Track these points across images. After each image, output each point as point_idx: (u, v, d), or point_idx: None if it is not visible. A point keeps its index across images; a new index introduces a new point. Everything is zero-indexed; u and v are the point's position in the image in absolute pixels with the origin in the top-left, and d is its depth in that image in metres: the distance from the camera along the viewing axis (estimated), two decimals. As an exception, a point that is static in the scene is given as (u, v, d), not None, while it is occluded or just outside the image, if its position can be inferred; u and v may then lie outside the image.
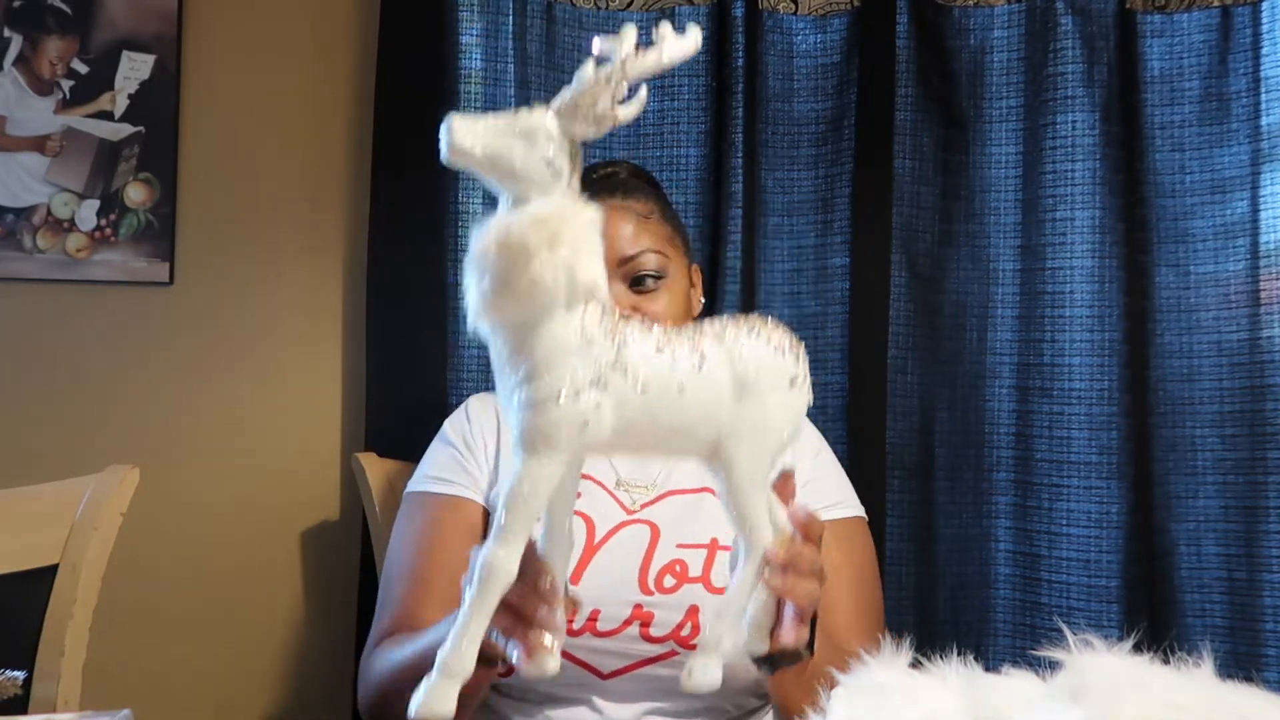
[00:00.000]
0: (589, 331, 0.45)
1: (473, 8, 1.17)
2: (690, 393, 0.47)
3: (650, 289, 0.82)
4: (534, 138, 0.46)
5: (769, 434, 0.48)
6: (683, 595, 0.75)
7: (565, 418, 0.45)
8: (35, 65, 1.17)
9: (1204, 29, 1.18)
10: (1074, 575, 1.14)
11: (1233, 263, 1.15)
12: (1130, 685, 0.38)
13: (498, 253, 0.44)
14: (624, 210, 0.83)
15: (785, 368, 0.49)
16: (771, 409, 0.48)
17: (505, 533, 0.45)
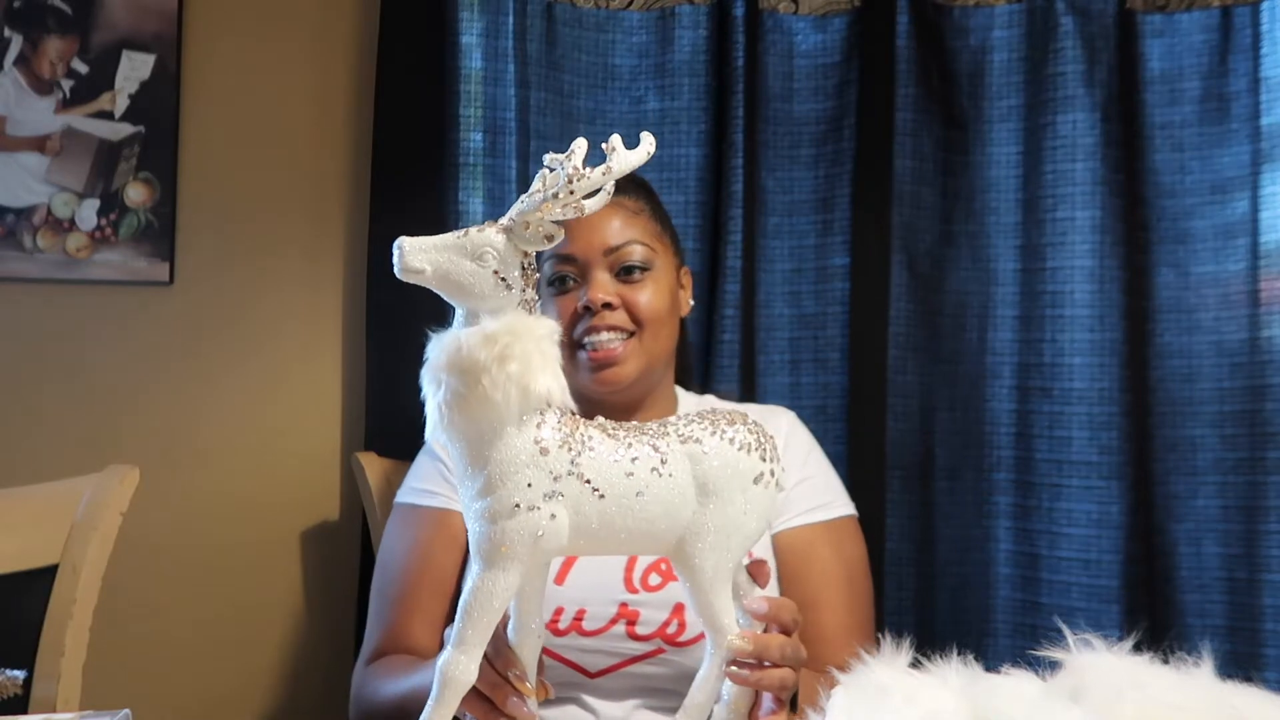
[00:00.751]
0: (543, 442, 0.47)
1: (473, 8, 1.17)
2: (650, 496, 0.48)
3: (636, 279, 0.83)
4: (483, 256, 0.48)
5: (733, 534, 0.49)
6: (668, 593, 0.75)
7: (519, 530, 0.47)
8: (35, 65, 1.17)
9: (1204, 29, 1.18)
10: (1074, 575, 1.14)
11: (1233, 263, 1.15)
12: (1130, 685, 0.38)
13: (449, 370, 0.47)
14: (613, 205, 0.84)
15: (750, 467, 0.50)
16: (735, 509, 0.49)
17: (464, 641, 0.47)
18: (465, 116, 1.17)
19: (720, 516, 0.49)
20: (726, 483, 0.49)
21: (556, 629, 0.75)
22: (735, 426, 0.51)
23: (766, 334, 1.21)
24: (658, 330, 0.83)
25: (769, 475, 0.51)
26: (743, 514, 0.49)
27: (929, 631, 1.17)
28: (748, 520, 0.50)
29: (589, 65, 1.22)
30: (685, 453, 0.49)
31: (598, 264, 0.82)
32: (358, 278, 1.20)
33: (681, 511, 0.49)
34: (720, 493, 0.49)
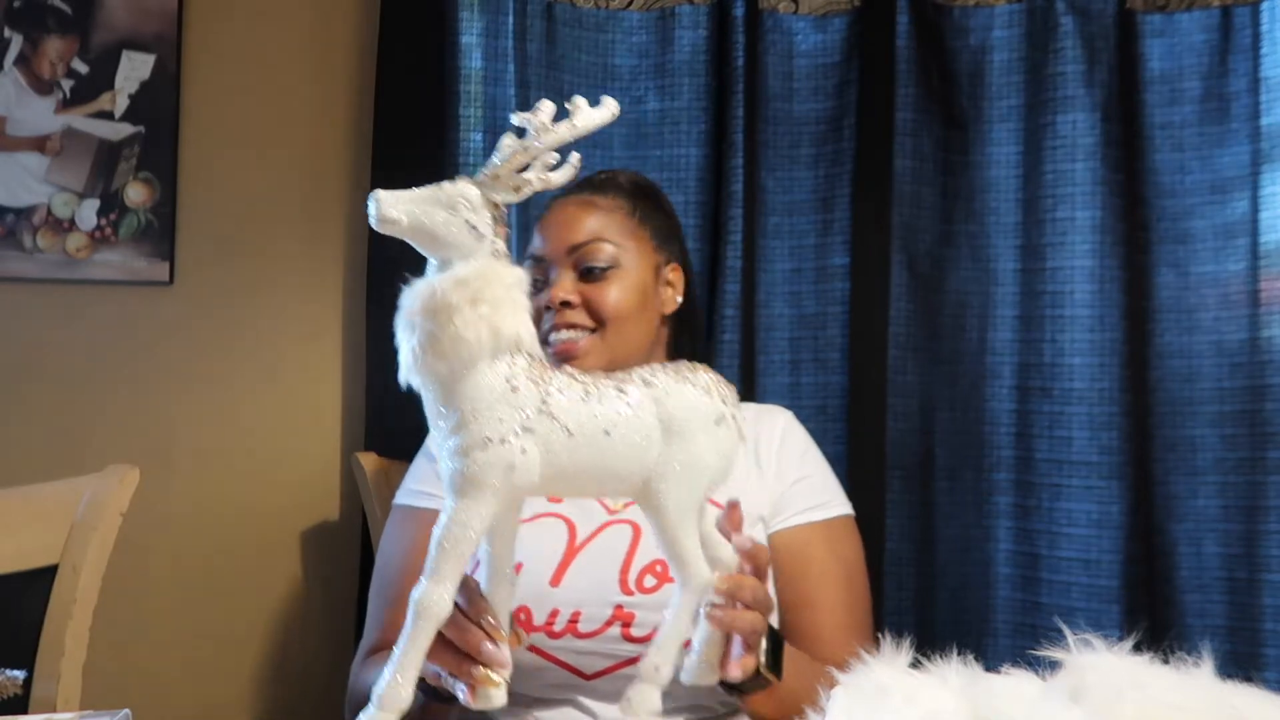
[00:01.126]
0: (514, 380, 0.49)
1: (473, 8, 1.17)
2: (618, 434, 0.50)
3: (599, 278, 0.82)
4: (455, 206, 0.51)
5: (697, 473, 0.51)
6: (663, 595, 0.75)
7: (492, 462, 0.48)
8: (35, 65, 1.17)
9: (1204, 29, 1.18)
10: (1074, 575, 1.14)
11: (1233, 263, 1.15)
12: (1130, 685, 0.38)
13: (423, 313, 0.50)
14: (583, 203, 0.85)
15: (711, 408, 0.51)
16: (699, 449, 0.51)
17: (437, 572, 0.48)
18: (465, 116, 1.17)
19: (685, 454, 0.50)
20: (689, 423, 0.51)
21: (552, 631, 0.75)
22: (696, 374, 0.53)
23: (766, 334, 1.21)
24: (621, 328, 0.82)
25: (730, 418, 0.52)
26: (706, 452, 0.51)
27: (929, 631, 1.17)
28: (711, 459, 0.51)
29: (589, 65, 1.22)
30: (650, 395, 0.51)
31: (562, 262, 0.83)
32: (357, 278, 1.20)
33: (648, 451, 0.50)
34: (684, 432, 0.50)
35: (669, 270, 0.88)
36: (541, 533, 0.79)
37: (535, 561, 0.77)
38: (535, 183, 0.53)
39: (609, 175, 0.91)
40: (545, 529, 0.79)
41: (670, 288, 0.88)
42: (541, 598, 0.75)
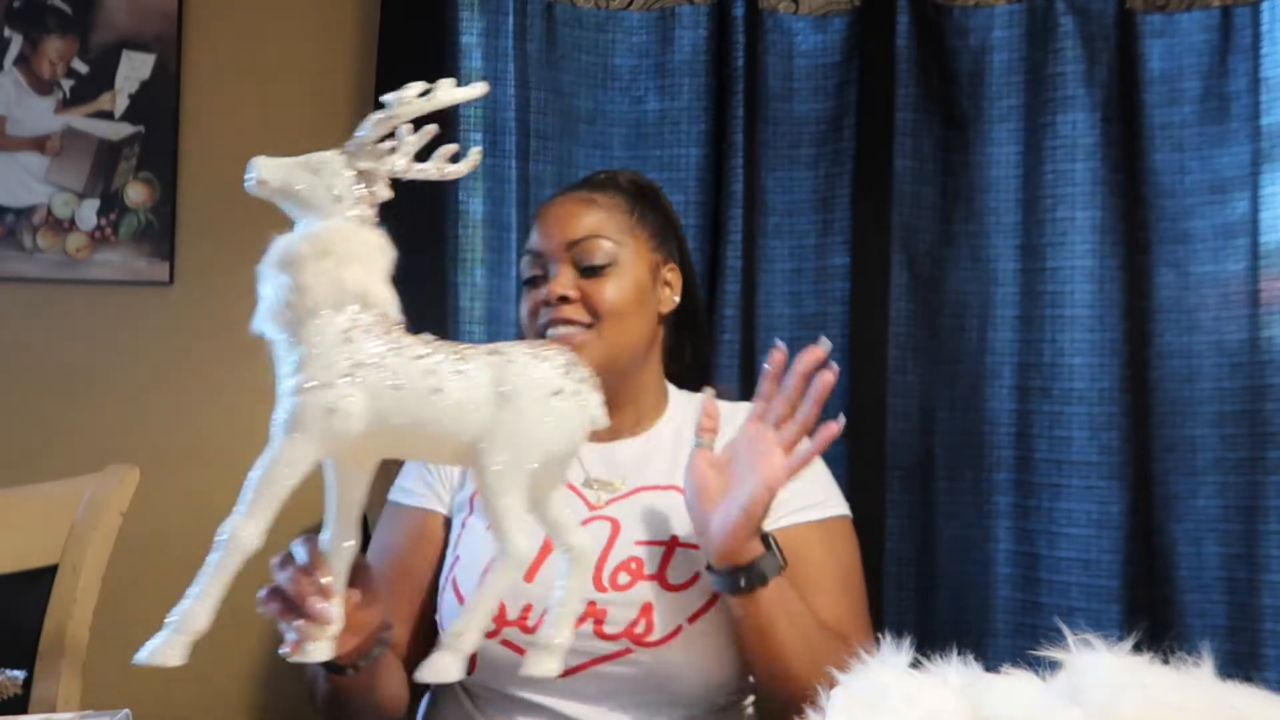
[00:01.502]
0: (351, 332, 0.50)
1: (473, 8, 1.17)
2: (447, 395, 0.50)
3: (595, 275, 0.82)
4: (320, 170, 0.56)
5: (525, 442, 0.50)
6: (636, 592, 0.75)
7: (314, 404, 0.50)
8: (35, 65, 1.17)
9: (1204, 29, 1.18)
10: (1074, 575, 1.14)
11: (1233, 263, 1.15)
12: (1130, 685, 0.38)
13: (275, 264, 0.52)
14: (582, 200, 0.85)
15: (549, 379, 0.51)
16: (529, 419, 0.50)
17: (250, 506, 0.51)
18: (465, 116, 1.17)
19: (514, 421, 0.50)
20: (523, 391, 0.50)
21: (525, 626, 0.74)
22: (551, 351, 0.53)
23: (766, 334, 1.21)
24: (618, 324, 0.82)
25: (571, 392, 0.51)
26: (538, 422, 0.50)
27: (929, 631, 1.17)
28: (544, 429, 0.50)
29: (589, 65, 1.22)
30: (489, 363, 0.51)
31: (561, 258, 0.82)
32: (358, 278, 1.20)
33: (475, 414, 0.50)
34: (515, 399, 0.50)
35: (666, 270, 0.87)
36: None
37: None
38: (433, 171, 0.55)
39: (609, 174, 0.91)
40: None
41: (668, 287, 0.87)
42: (515, 592, 0.74)
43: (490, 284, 1.18)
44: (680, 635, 0.74)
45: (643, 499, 0.81)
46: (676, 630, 0.74)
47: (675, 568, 0.76)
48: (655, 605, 0.74)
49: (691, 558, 0.76)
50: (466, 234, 1.18)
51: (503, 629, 0.74)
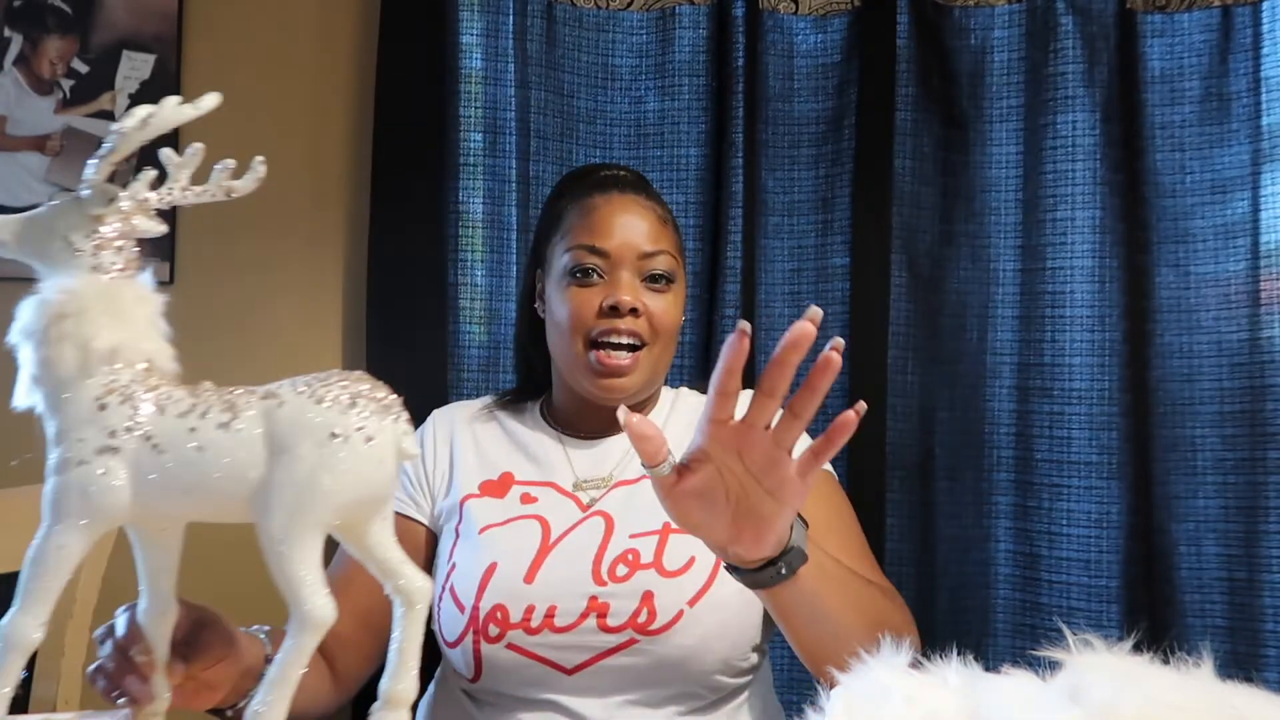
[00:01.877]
0: (105, 399, 0.46)
1: (473, 8, 1.17)
2: (212, 451, 0.45)
3: (660, 289, 0.82)
4: (52, 223, 0.52)
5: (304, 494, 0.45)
6: (636, 582, 0.75)
7: (70, 486, 0.46)
8: (35, 65, 1.17)
9: (1204, 29, 1.18)
10: (1074, 575, 1.14)
11: (1233, 263, 1.15)
12: (1130, 685, 0.38)
13: (18, 337, 0.49)
14: (647, 209, 0.84)
15: (324, 422, 0.45)
16: (304, 467, 0.45)
17: (27, 599, 0.46)
18: (465, 116, 1.17)
19: (287, 473, 0.45)
20: (296, 437, 0.45)
21: (529, 628, 0.74)
22: (334, 384, 0.47)
23: (766, 334, 1.21)
24: (668, 344, 0.83)
25: (353, 431, 0.46)
26: (313, 471, 0.45)
27: (929, 631, 1.17)
28: (326, 481, 0.45)
29: (589, 65, 1.22)
30: (261, 409, 0.46)
31: (628, 266, 0.81)
32: (358, 277, 1.20)
33: (248, 469, 0.45)
34: (289, 448, 0.45)
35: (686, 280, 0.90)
36: (515, 534, 0.79)
37: (509, 561, 0.77)
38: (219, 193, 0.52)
39: (620, 171, 0.88)
40: (519, 530, 0.79)
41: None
42: (516, 595, 0.75)
43: (490, 284, 1.18)
44: (683, 619, 0.74)
45: (632, 490, 0.81)
46: (679, 615, 0.74)
47: (671, 553, 0.76)
48: (655, 593, 0.74)
49: (685, 541, 0.74)
50: (466, 234, 1.18)
51: (507, 633, 0.74)
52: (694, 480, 0.54)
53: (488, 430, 0.87)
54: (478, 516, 0.80)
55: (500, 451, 0.85)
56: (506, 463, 0.84)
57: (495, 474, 0.83)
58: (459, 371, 1.16)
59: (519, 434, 0.87)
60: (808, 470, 0.54)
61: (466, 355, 1.17)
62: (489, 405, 0.90)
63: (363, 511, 0.47)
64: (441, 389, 1.15)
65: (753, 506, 0.55)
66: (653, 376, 0.83)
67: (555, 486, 0.83)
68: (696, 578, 0.75)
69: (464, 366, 1.17)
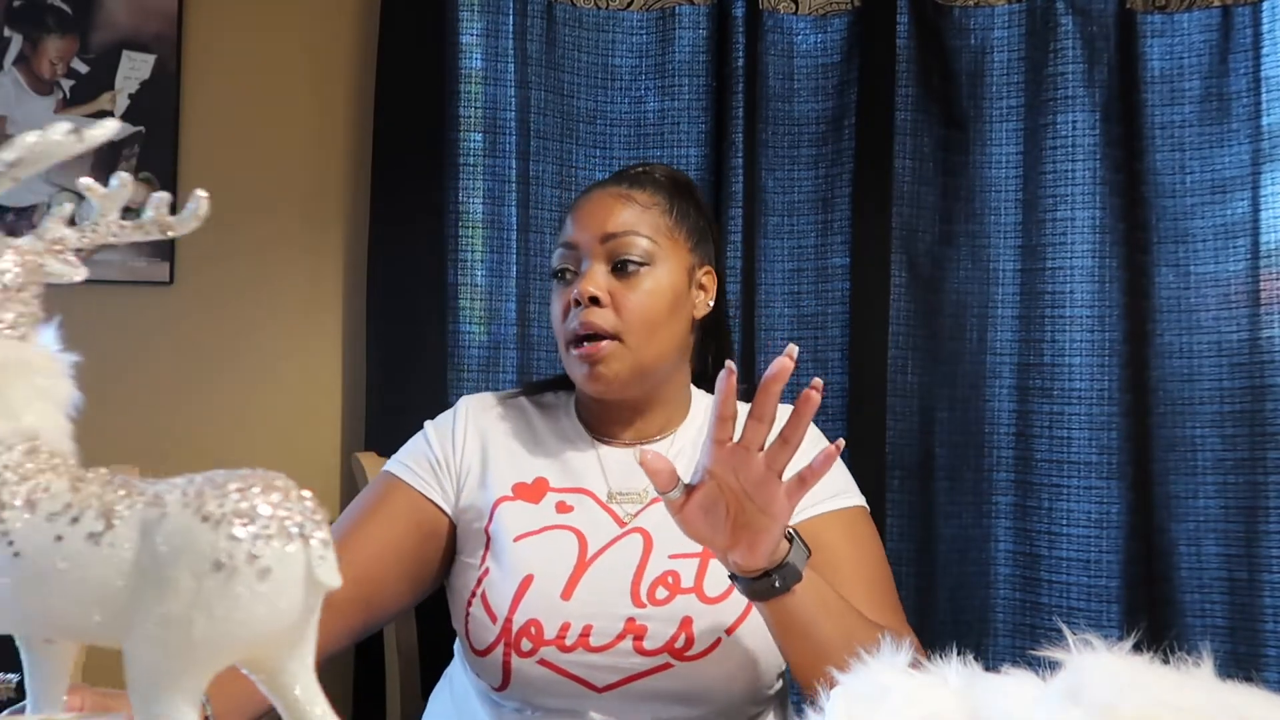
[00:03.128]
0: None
1: (473, 8, 1.17)
2: (75, 568, 0.38)
3: (631, 274, 0.77)
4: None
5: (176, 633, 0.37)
6: (675, 607, 0.74)
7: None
8: (35, 65, 1.17)
9: (1204, 29, 1.18)
10: (1074, 575, 1.14)
11: (1233, 263, 1.15)
12: (1130, 685, 0.38)
13: None
14: (620, 195, 0.80)
15: (210, 548, 0.37)
16: (180, 601, 0.36)
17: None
18: (465, 116, 1.17)
19: (158, 607, 0.36)
20: (171, 563, 0.37)
21: (563, 645, 0.73)
22: (232, 494, 0.38)
23: (767, 334, 1.22)
24: (648, 334, 0.78)
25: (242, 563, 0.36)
26: (188, 611, 0.36)
27: (929, 631, 1.17)
28: (198, 617, 0.36)
29: (589, 65, 1.22)
30: (139, 520, 0.38)
31: (595, 253, 0.78)
32: (358, 278, 1.20)
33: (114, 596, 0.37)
34: (163, 576, 0.37)
35: (702, 274, 0.83)
36: (551, 546, 0.77)
37: (546, 574, 0.75)
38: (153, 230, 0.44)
39: (645, 169, 0.87)
40: (555, 542, 0.77)
41: (703, 291, 0.83)
42: (552, 611, 0.74)
43: (490, 284, 1.18)
44: (720, 646, 0.73)
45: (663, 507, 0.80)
46: (716, 643, 0.73)
47: (711, 579, 0.75)
48: (695, 619, 0.73)
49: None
50: (466, 234, 1.18)
51: (540, 648, 0.73)
52: (699, 496, 0.61)
53: (521, 428, 0.84)
54: (511, 523, 0.78)
55: (534, 453, 0.82)
56: (540, 466, 0.82)
57: (529, 477, 0.81)
58: (459, 371, 1.16)
59: (551, 436, 0.84)
60: (794, 493, 0.61)
61: (466, 355, 1.17)
62: (520, 399, 0.87)
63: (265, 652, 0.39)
64: (441, 389, 1.15)
65: (747, 520, 0.61)
66: (642, 365, 0.78)
67: (591, 495, 0.80)
68: (736, 605, 0.74)
69: (464, 366, 1.17)
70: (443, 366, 1.15)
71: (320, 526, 0.39)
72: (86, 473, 0.41)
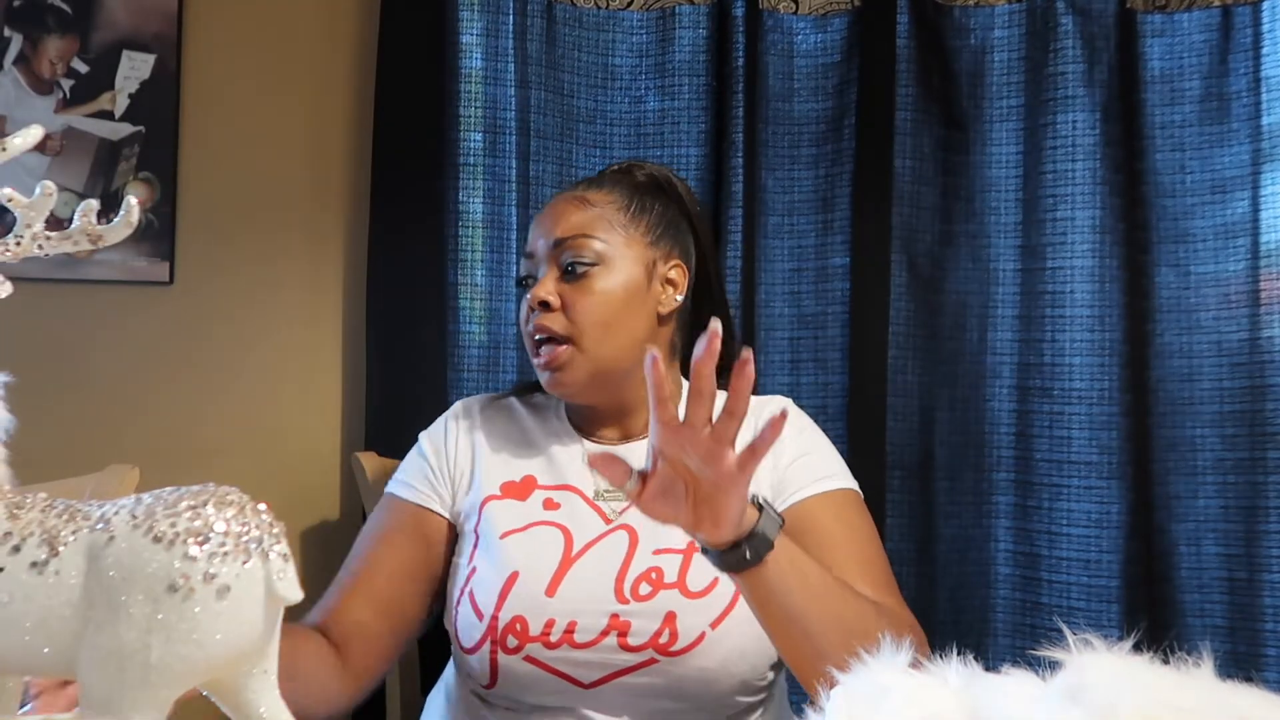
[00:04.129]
0: None
1: (473, 7, 1.17)
2: (19, 601, 0.36)
3: (580, 275, 0.77)
4: None
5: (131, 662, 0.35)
6: (659, 602, 0.74)
7: None
8: (35, 65, 1.17)
9: (1204, 29, 1.18)
10: (1074, 575, 1.14)
11: (1233, 263, 1.15)
12: (1130, 685, 0.38)
13: None
14: (575, 199, 0.81)
15: (163, 570, 0.35)
16: (133, 628, 0.35)
17: None
18: (465, 116, 1.17)
19: (111, 636, 0.35)
20: (123, 588, 0.35)
21: (548, 641, 0.73)
22: (184, 513, 0.36)
23: (767, 333, 1.22)
24: (601, 334, 0.77)
25: (199, 583, 0.35)
26: (143, 636, 0.34)
27: (929, 631, 1.16)
28: (155, 643, 0.34)
29: (589, 65, 1.22)
30: (87, 544, 0.36)
31: (547, 260, 0.79)
32: (358, 277, 1.20)
33: (63, 626, 0.36)
34: (114, 602, 0.35)
35: (668, 268, 0.82)
36: (537, 541, 0.77)
37: (530, 571, 0.75)
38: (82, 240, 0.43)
39: (620, 168, 0.87)
40: (541, 538, 0.78)
41: (670, 285, 0.82)
42: (537, 608, 0.74)
43: (490, 284, 1.18)
44: (704, 641, 0.73)
45: None
46: (701, 637, 0.73)
47: (695, 573, 0.75)
48: (679, 614, 0.73)
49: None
50: (466, 234, 1.18)
51: (525, 645, 0.73)
52: (654, 482, 0.61)
53: (510, 428, 0.85)
54: (499, 520, 0.79)
55: (522, 452, 0.83)
56: (529, 465, 0.82)
57: (518, 476, 0.82)
58: (459, 371, 1.16)
59: (540, 435, 0.85)
60: (747, 462, 0.59)
61: (466, 355, 1.17)
62: (511, 400, 0.88)
63: (226, 672, 0.37)
64: (441, 389, 1.15)
65: (705, 495, 0.60)
66: (600, 366, 0.78)
67: (578, 493, 0.80)
68: (720, 599, 0.74)
69: (464, 366, 1.17)
70: (443, 366, 1.15)
71: (279, 540, 0.38)
72: (25, 498, 0.39)
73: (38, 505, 0.39)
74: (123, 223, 0.44)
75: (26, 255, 0.43)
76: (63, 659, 0.36)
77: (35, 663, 0.37)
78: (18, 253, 0.43)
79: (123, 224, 0.44)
